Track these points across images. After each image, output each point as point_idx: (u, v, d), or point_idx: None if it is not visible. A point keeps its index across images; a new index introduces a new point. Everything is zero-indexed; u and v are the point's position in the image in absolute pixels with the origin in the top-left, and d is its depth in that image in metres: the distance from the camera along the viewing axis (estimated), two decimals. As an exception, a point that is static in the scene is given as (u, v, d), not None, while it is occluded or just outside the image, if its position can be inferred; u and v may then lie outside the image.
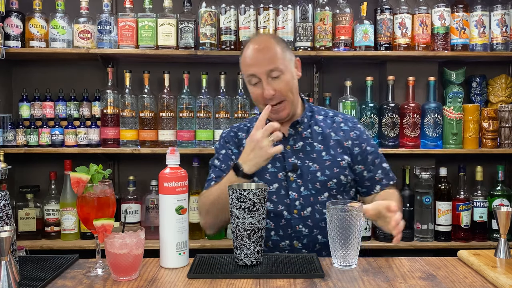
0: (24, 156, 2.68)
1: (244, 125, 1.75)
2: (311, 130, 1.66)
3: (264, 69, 1.54)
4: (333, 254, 1.30)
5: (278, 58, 1.56)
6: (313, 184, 1.60)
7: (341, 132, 1.67)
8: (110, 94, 2.53)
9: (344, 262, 1.28)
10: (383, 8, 2.59)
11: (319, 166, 1.61)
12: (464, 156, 2.67)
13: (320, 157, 1.62)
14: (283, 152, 1.61)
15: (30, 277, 1.20)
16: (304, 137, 1.65)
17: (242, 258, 1.28)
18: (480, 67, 2.83)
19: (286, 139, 1.64)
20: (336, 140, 1.65)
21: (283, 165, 1.62)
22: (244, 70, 1.62)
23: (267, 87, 1.54)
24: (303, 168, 1.61)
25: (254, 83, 1.58)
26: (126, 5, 2.53)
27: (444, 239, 2.55)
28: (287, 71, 1.58)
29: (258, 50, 1.57)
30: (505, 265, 1.29)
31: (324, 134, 1.66)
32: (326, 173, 1.60)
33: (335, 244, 1.28)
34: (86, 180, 1.27)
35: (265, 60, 1.55)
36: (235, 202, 1.26)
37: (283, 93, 1.56)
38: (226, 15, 2.52)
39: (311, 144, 1.64)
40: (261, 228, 1.28)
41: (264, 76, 1.55)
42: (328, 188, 1.60)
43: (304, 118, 1.67)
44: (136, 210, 2.56)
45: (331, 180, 1.60)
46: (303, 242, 1.59)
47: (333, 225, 1.27)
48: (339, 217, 1.26)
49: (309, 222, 1.58)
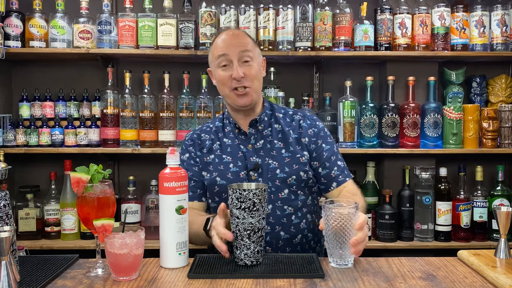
0: (24, 156, 2.68)
1: (207, 127, 1.77)
2: (271, 128, 1.69)
3: (236, 50, 1.59)
4: (330, 253, 1.30)
5: (250, 46, 1.63)
6: (273, 181, 1.61)
7: (300, 129, 1.69)
8: (110, 94, 2.53)
9: (340, 261, 1.28)
10: (383, 8, 2.59)
11: (278, 163, 1.62)
12: (464, 156, 2.67)
13: (280, 154, 1.64)
14: (245, 151, 1.65)
15: (30, 277, 1.20)
16: (264, 136, 1.67)
17: (242, 258, 1.28)
18: (480, 67, 2.83)
19: (247, 138, 1.67)
20: (295, 137, 1.67)
21: (244, 164, 1.63)
22: (214, 54, 1.64)
23: (238, 68, 1.58)
24: (263, 166, 1.62)
25: (224, 64, 1.61)
26: (126, 5, 2.53)
27: (444, 239, 2.55)
28: (256, 61, 1.64)
29: (232, 35, 1.65)
30: (505, 265, 1.29)
31: (283, 132, 1.68)
32: (285, 170, 1.62)
33: (332, 243, 1.28)
34: (86, 180, 1.27)
35: (238, 43, 1.61)
36: (235, 202, 1.26)
37: (250, 79, 1.60)
38: (226, 15, 2.52)
39: (271, 142, 1.66)
40: (261, 228, 1.28)
41: (236, 57, 1.59)
42: (288, 185, 1.61)
43: (265, 117, 1.69)
44: (136, 210, 2.56)
45: (291, 176, 1.61)
46: (266, 239, 1.57)
47: (329, 225, 1.27)
48: (335, 217, 1.25)
49: (270, 219, 1.59)
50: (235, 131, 1.69)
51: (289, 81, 2.78)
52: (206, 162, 1.68)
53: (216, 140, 1.70)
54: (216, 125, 1.75)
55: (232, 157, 1.65)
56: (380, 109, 2.59)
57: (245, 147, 1.66)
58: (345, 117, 2.57)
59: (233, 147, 1.67)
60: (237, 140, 1.68)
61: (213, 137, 1.71)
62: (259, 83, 1.66)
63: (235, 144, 1.67)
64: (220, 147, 1.68)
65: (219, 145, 1.69)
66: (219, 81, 1.64)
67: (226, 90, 1.63)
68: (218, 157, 1.67)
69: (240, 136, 1.68)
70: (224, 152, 1.67)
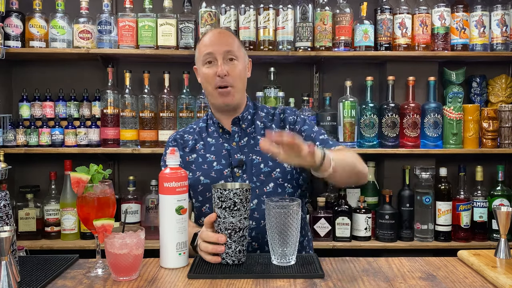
0: (24, 156, 2.68)
1: (190, 128, 1.79)
2: (254, 125, 1.70)
3: (222, 49, 1.61)
4: (272, 251, 1.29)
5: (235, 46, 1.65)
6: (257, 176, 1.61)
7: (281, 122, 1.71)
8: (110, 94, 2.53)
9: (282, 259, 1.28)
10: (383, 8, 2.59)
11: (261, 158, 1.63)
12: (464, 156, 2.67)
13: None
14: (229, 149, 1.66)
15: (30, 277, 1.20)
16: (248, 133, 1.69)
17: (224, 257, 1.29)
18: (480, 67, 2.83)
19: (231, 136, 1.68)
20: (277, 130, 1.66)
21: (228, 162, 1.64)
22: (200, 52, 1.65)
23: (222, 66, 1.59)
24: (247, 162, 1.63)
25: (209, 61, 1.62)
26: (126, 5, 2.53)
27: (444, 239, 2.55)
28: (241, 61, 1.65)
29: (218, 33, 1.67)
30: (505, 265, 1.29)
31: (266, 127, 1.70)
32: (269, 164, 1.62)
33: (274, 241, 1.27)
34: (86, 180, 1.27)
35: (224, 42, 1.63)
36: (217, 201, 1.28)
37: (234, 78, 1.61)
38: (226, 15, 2.52)
39: (255, 138, 1.67)
40: (243, 228, 1.28)
41: (221, 56, 1.60)
42: (273, 179, 1.62)
43: (248, 115, 1.71)
44: (136, 210, 2.56)
45: (275, 170, 1.62)
46: (252, 235, 1.58)
47: (271, 222, 1.27)
48: (277, 214, 1.25)
49: (255, 214, 1.58)
50: (219, 130, 1.70)
51: (289, 81, 2.78)
52: (189, 162, 1.68)
53: (200, 140, 1.71)
54: (200, 126, 1.76)
55: (216, 156, 1.65)
56: (380, 109, 2.59)
57: (229, 145, 1.66)
58: (345, 117, 2.57)
59: (217, 146, 1.68)
60: (221, 139, 1.69)
61: (196, 137, 1.72)
62: (243, 84, 1.68)
63: (219, 143, 1.68)
64: (203, 147, 1.69)
65: (203, 145, 1.70)
66: (203, 78, 1.66)
67: (209, 87, 1.64)
68: (202, 156, 1.67)
69: (224, 135, 1.69)
70: (208, 151, 1.68)
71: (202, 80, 1.68)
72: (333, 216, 2.53)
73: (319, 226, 2.52)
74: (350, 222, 2.53)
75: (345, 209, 2.53)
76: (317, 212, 2.54)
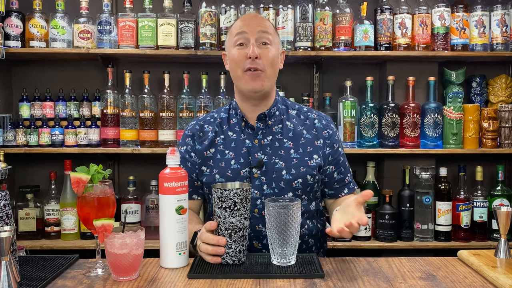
0: (24, 156, 2.68)
1: (211, 117, 1.67)
2: (282, 126, 1.59)
3: (256, 29, 1.52)
4: (272, 251, 1.29)
5: (271, 29, 1.56)
6: (277, 182, 1.53)
7: (314, 130, 1.61)
8: (110, 94, 2.53)
9: (282, 259, 1.28)
10: (383, 8, 2.59)
11: (285, 164, 1.54)
12: (464, 156, 2.67)
13: (288, 155, 1.55)
14: (250, 147, 1.56)
15: (30, 277, 1.20)
16: (274, 132, 1.58)
17: (224, 257, 1.29)
18: (480, 67, 2.83)
19: (254, 133, 1.58)
20: (308, 138, 1.59)
21: (247, 161, 1.54)
22: (232, 33, 1.55)
23: (254, 47, 1.49)
24: (268, 164, 1.54)
25: (240, 43, 1.52)
26: (126, 5, 2.53)
27: (444, 239, 2.55)
28: (274, 47, 1.55)
29: (254, 16, 1.63)
30: (505, 265, 1.29)
31: (295, 131, 1.59)
32: (292, 172, 1.53)
33: (274, 241, 1.27)
34: (86, 180, 1.27)
35: (259, 23, 1.54)
36: (217, 201, 1.27)
37: (266, 62, 1.51)
38: (226, 15, 2.52)
39: (281, 140, 1.57)
40: (243, 228, 1.28)
41: (254, 36, 1.51)
42: (293, 188, 1.54)
43: (276, 111, 1.60)
44: (136, 210, 2.56)
45: (297, 179, 1.54)
46: (263, 242, 1.53)
47: (271, 222, 1.27)
48: (277, 214, 1.25)
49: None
50: (242, 124, 1.59)
51: (289, 81, 2.79)
52: (206, 157, 1.59)
53: (220, 133, 1.60)
54: (222, 116, 1.64)
55: (235, 153, 1.56)
56: (380, 109, 2.59)
57: (251, 142, 1.56)
58: (345, 117, 2.57)
59: (237, 142, 1.57)
60: (243, 134, 1.58)
61: (217, 129, 1.61)
62: (274, 72, 1.56)
63: (240, 138, 1.58)
64: (223, 142, 1.59)
65: (223, 139, 1.59)
66: (232, 61, 1.54)
67: (238, 70, 1.52)
68: (220, 152, 1.58)
69: (246, 129, 1.58)
70: (227, 147, 1.58)
71: (231, 63, 1.55)
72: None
73: (319, 226, 2.52)
74: (350, 222, 2.52)
75: (345, 209, 2.53)
76: (317, 212, 2.54)
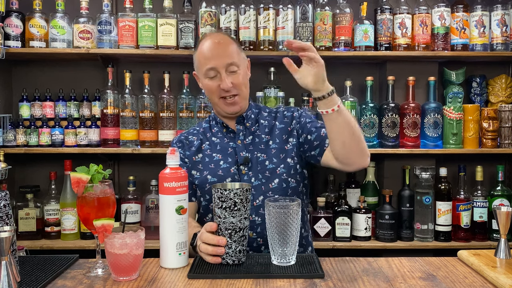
0: (24, 156, 2.68)
1: (193, 129, 1.81)
2: (258, 124, 1.75)
3: (223, 62, 1.62)
4: (272, 251, 1.30)
5: (236, 54, 1.66)
6: (263, 173, 1.65)
7: (285, 118, 1.75)
8: (110, 94, 2.53)
9: (282, 259, 1.28)
10: (383, 8, 2.59)
11: (266, 155, 1.67)
12: (464, 156, 2.67)
13: (268, 147, 1.69)
14: (234, 147, 1.70)
15: (30, 277, 1.20)
16: (252, 131, 1.73)
17: (224, 257, 1.29)
18: (480, 67, 2.83)
19: (236, 135, 1.72)
20: (281, 127, 1.73)
21: (234, 159, 1.67)
22: (201, 64, 1.67)
23: (226, 79, 1.62)
24: (253, 160, 1.67)
25: (212, 76, 1.65)
26: (126, 5, 2.53)
27: (444, 239, 2.55)
28: (242, 67, 1.68)
29: (217, 44, 1.66)
30: (505, 265, 1.29)
31: (270, 126, 1.74)
32: (274, 160, 1.66)
33: (274, 241, 1.28)
34: (86, 180, 1.27)
35: (224, 54, 1.63)
36: (217, 201, 1.28)
37: (238, 87, 1.65)
38: (226, 15, 2.52)
39: (259, 136, 1.71)
40: (243, 228, 1.29)
41: (223, 69, 1.63)
42: (277, 175, 1.65)
43: (251, 114, 1.75)
44: (136, 210, 2.56)
45: (279, 166, 1.66)
46: (257, 231, 1.60)
47: (271, 223, 1.27)
48: (277, 214, 1.25)
49: (261, 210, 1.60)
50: (223, 130, 1.74)
51: (289, 81, 2.74)
52: (195, 161, 1.71)
53: (205, 140, 1.74)
54: (204, 126, 1.79)
55: (222, 154, 1.69)
56: (380, 109, 2.59)
57: (235, 143, 1.70)
58: (345, 117, 2.56)
59: (222, 145, 1.71)
60: (226, 138, 1.73)
61: (201, 137, 1.75)
62: (247, 89, 1.71)
63: (224, 142, 1.72)
64: (209, 147, 1.72)
65: (209, 145, 1.73)
66: (207, 90, 1.69)
67: (214, 98, 1.68)
68: (208, 156, 1.70)
69: (228, 134, 1.73)
70: (214, 150, 1.71)
71: (206, 91, 1.72)
72: (333, 216, 2.53)
73: (319, 226, 2.52)
74: (350, 222, 2.53)
75: (345, 209, 2.53)
76: (317, 212, 2.54)
